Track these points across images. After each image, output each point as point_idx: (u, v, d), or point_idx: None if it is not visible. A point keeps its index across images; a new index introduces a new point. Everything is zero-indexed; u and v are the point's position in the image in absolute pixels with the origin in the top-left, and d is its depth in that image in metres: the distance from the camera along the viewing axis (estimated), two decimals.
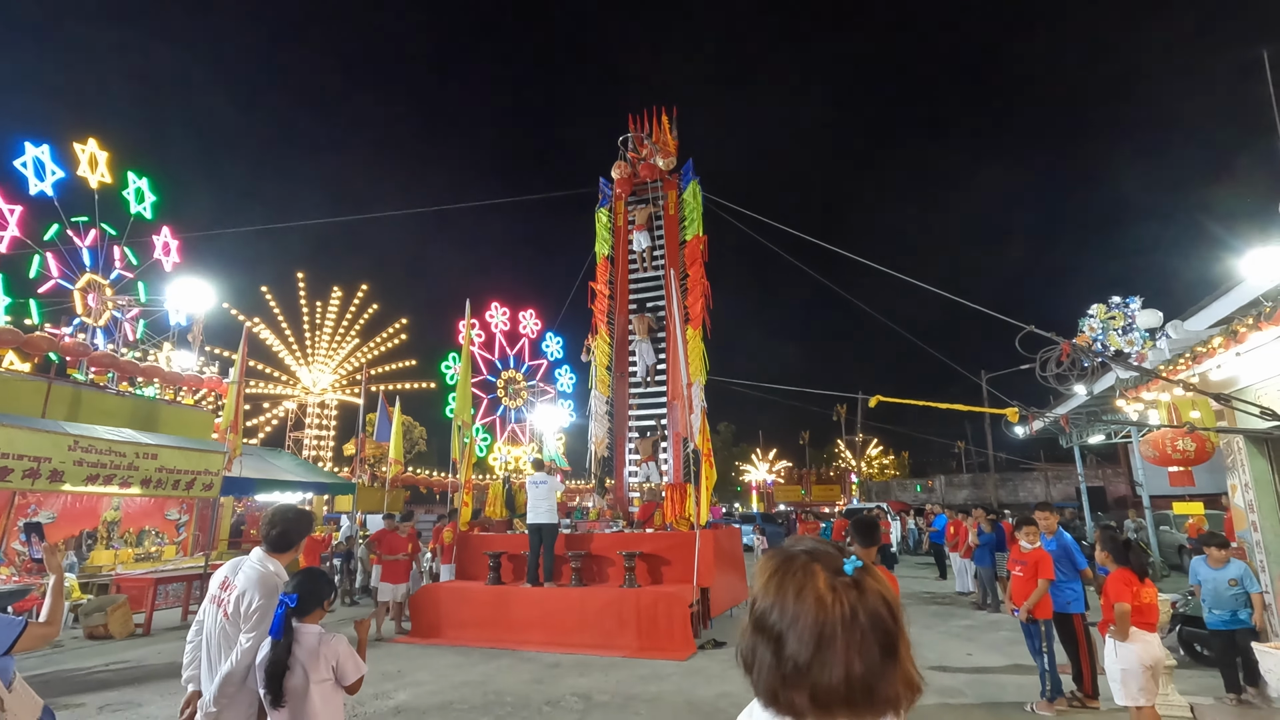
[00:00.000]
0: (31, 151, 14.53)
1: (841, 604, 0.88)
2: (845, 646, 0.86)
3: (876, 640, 0.87)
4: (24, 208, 14.25)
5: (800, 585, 0.91)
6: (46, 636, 2.64)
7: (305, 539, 3.03)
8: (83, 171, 15.32)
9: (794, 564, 0.95)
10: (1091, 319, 6.90)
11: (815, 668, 0.86)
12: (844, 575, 0.92)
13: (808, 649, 0.87)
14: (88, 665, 8.01)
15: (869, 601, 0.89)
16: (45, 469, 8.75)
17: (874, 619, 0.88)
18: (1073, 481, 31.53)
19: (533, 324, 29.84)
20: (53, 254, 14.61)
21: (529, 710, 5.96)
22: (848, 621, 0.87)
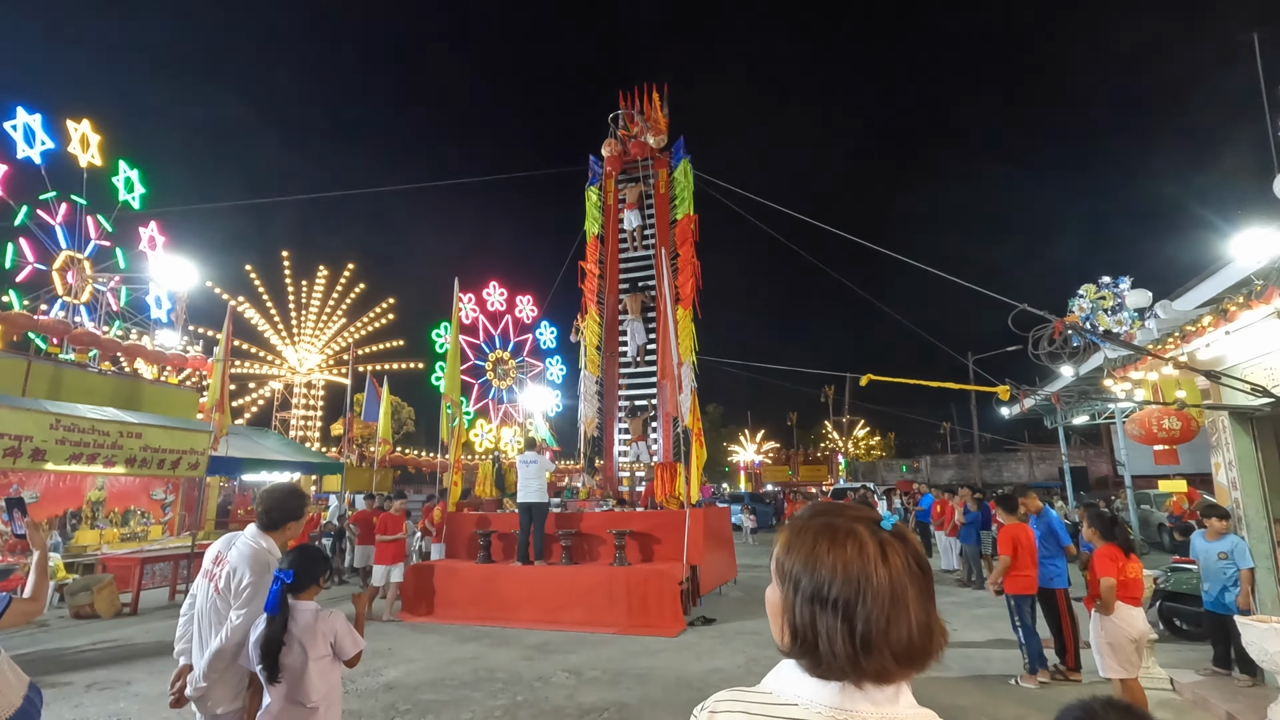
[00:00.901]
0: (23, 117, 14.32)
1: (900, 560, 0.89)
2: (912, 600, 0.87)
3: (927, 588, 0.90)
4: (9, 168, 14.02)
5: (858, 550, 0.89)
6: (30, 613, 2.59)
7: (299, 521, 2.98)
8: (73, 149, 15.10)
9: (839, 532, 0.92)
10: (1081, 299, 6.93)
11: (893, 630, 0.85)
12: (884, 531, 0.93)
13: (884, 612, 0.86)
14: (74, 644, 7.96)
15: (915, 550, 0.92)
16: (27, 448, 8.63)
17: (923, 567, 0.91)
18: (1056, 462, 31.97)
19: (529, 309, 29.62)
20: (25, 239, 14.29)
21: (520, 686, 5.99)
22: (913, 575, 0.89)
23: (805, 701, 0.89)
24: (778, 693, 0.92)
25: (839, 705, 0.87)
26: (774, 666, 0.97)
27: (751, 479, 45.93)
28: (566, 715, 5.24)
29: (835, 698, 0.87)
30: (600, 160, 14.82)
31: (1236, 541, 5.60)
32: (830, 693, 0.88)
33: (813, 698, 0.88)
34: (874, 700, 0.87)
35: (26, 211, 14.18)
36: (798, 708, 0.89)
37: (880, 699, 0.87)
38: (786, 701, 0.90)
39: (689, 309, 12.81)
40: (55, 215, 14.87)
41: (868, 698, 0.87)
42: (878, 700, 0.87)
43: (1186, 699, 5.43)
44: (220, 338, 13.17)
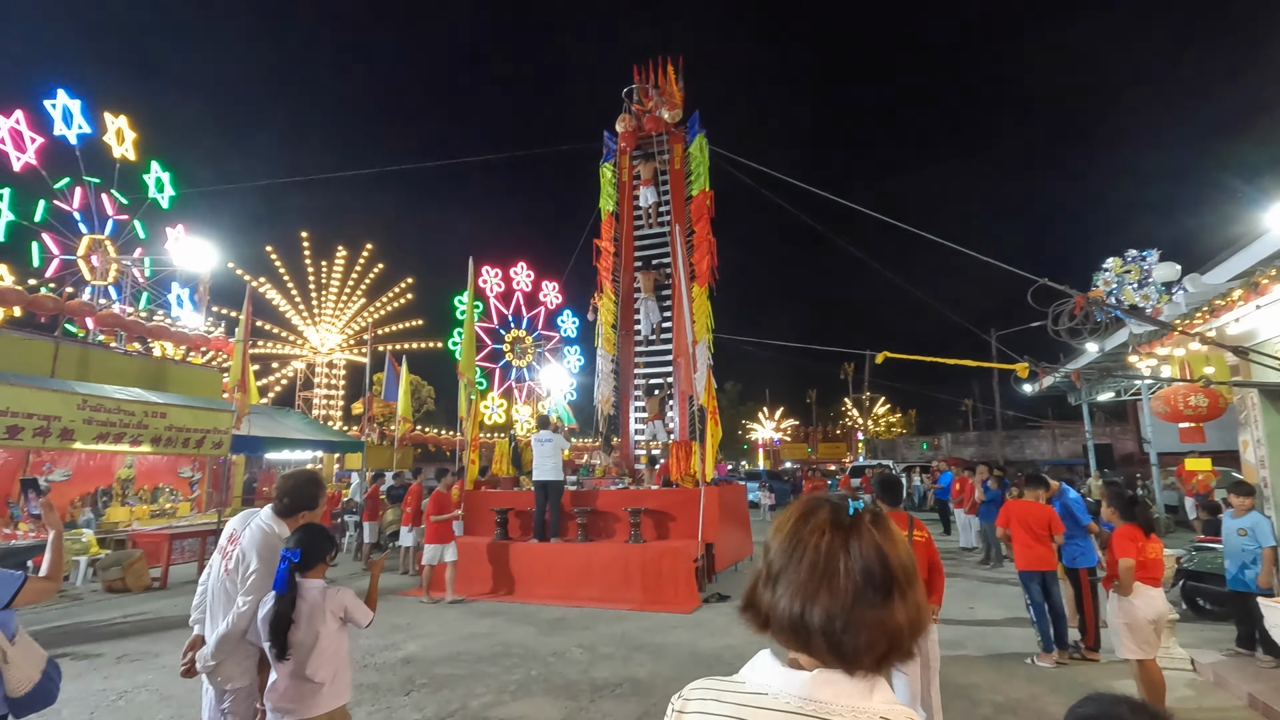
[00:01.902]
0: (64, 99, 14.80)
1: (822, 536, 0.90)
2: (812, 578, 0.88)
3: (854, 584, 0.87)
4: (45, 140, 14.46)
5: (791, 517, 0.96)
6: (46, 590, 2.64)
7: (315, 512, 2.98)
8: (109, 139, 15.58)
9: (801, 502, 0.99)
10: (1106, 272, 6.72)
11: (781, 586, 0.91)
12: (843, 515, 0.92)
13: (778, 564, 0.93)
14: (106, 617, 8.21)
15: (858, 544, 0.89)
16: (55, 427, 8.83)
17: (858, 563, 0.88)
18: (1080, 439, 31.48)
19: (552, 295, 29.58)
20: (47, 234, 14.64)
21: (535, 661, 6.07)
22: (822, 554, 0.89)
23: (774, 691, 0.89)
24: (750, 682, 0.93)
25: (806, 695, 0.87)
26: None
27: (770, 456, 45.91)
28: (580, 690, 5.30)
29: (803, 687, 0.87)
30: (615, 136, 14.63)
31: (1259, 519, 5.51)
32: (798, 682, 0.88)
33: (782, 687, 0.88)
34: (842, 692, 0.86)
35: (45, 206, 14.45)
36: (767, 697, 0.89)
37: (849, 691, 0.86)
38: (757, 690, 0.91)
39: (705, 287, 12.68)
40: (72, 202, 15.09)
41: (834, 689, 0.86)
42: (846, 693, 0.86)
43: (1207, 679, 5.35)
44: (241, 318, 13.35)
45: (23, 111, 14.10)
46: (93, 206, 15.44)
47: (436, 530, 9.15)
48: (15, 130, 13.89)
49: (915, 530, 3.96)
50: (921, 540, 3.98)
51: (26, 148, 14.07)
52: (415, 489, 12.00)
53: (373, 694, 5.24)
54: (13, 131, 13.85)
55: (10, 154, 13.76)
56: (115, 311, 14.44)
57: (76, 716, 4.84)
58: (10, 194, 13.68)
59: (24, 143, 14.04)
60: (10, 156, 13.76)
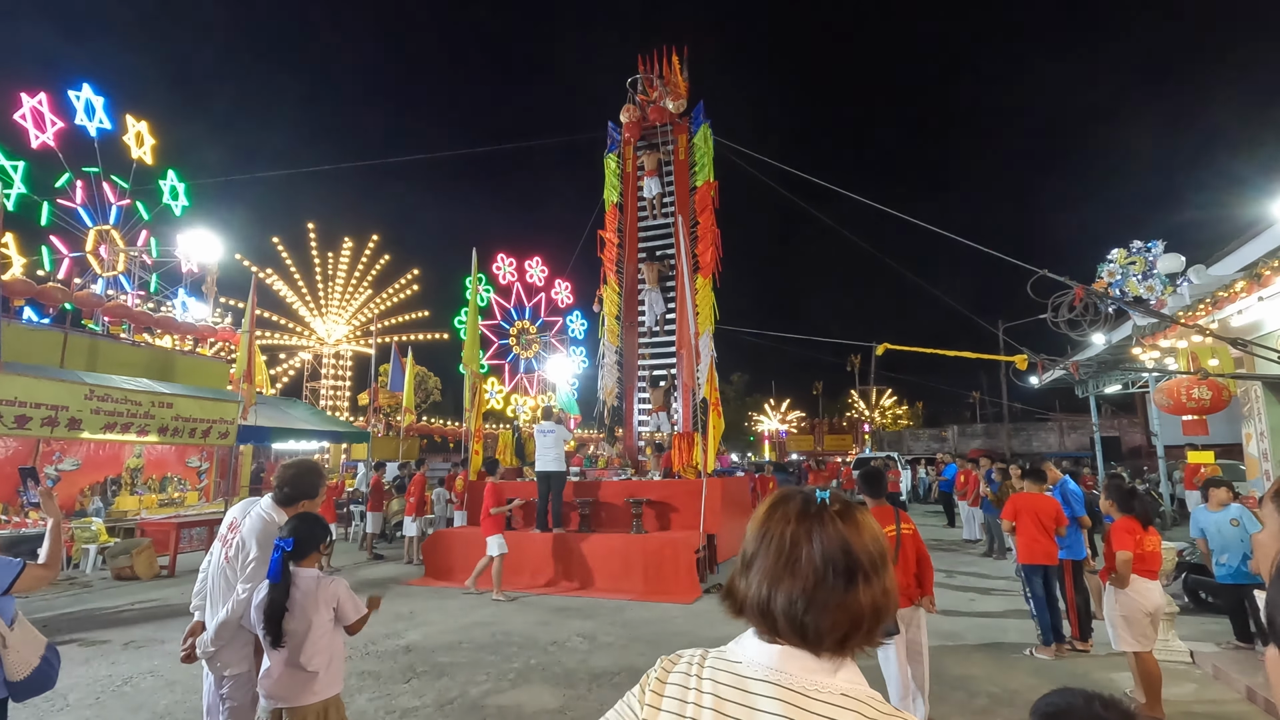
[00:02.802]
0: (88, 93, 15.29)
1: (788, 525, 0.95)
2: (778, 565, 0.93)
3: (816, 571, 0.91)
4: (65, 126, 14.90)
5: (772, 505, 1.01)
6: (45, 578, 2.68)
7: (315, 501, 3.00)
8: (128, 139, 16.03)
9: (784, 492, 1.03)
10: (1111, 264, 6.67)
11: (753, 573, 0.95)
12: (810, 505, 0.97)
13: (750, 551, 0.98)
14: (114, 604, 8.32)
15: (822, 532, 0.93)
16: (63, 417, 8.94)
17: (821, 550, 0.92)
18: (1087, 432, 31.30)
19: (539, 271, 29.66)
20: (56, 236, 14.97)
21: (535, 650, 6.12)
22: (785, 543, 0.94)
23: (748, 660, 0.94)
24: (727, 651, 0.99)
25: (774, 665, 0.91)
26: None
27: (776, 448, 45.91)
28: (578, 678, 5.34)
29: (771, 658, 0.92)
30: (619, 126, 14.58)
31: (1241, 509, 5.58)
32: (769, 654, 0.93)
33: (754, 658, 0.94)
34: (806, 667, 0.90)
35: (50, 210, 14.69)
36: (740, 665, 0.94)
37: (813, 667, 0.90)
38: (731, 659, 0.96)
39: (709, 278, 12.65)
40: (74, 198, 15.22)
41: (800, 663, 0.91)
42: (811, 669, 0.90)
43: (1206, 672, 5.34)
44: (246, 309, 13.43)
45: (46, 95, 14.58)
46: (95, 197, 15.57)
47: (491, 523, 8.71)
48: (37, 110, 14.41)
49: (902, 524, 3.96)
50: (909, 533, 3.98)
51: (46, 129, 14.54)
52: (419, 479, 12.08)
53: (373, 681, 5.30)
54: (34, 111, 14.35)
55: (30, 131, 14.28)
56: (123, 303, 14.55)
57: (83, 702, 4.91)
58: (25, 167, 14.09)
59: (44, 124, 14.52)
60: (30, 133, 14.27)
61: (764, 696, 0.89)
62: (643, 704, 0.99)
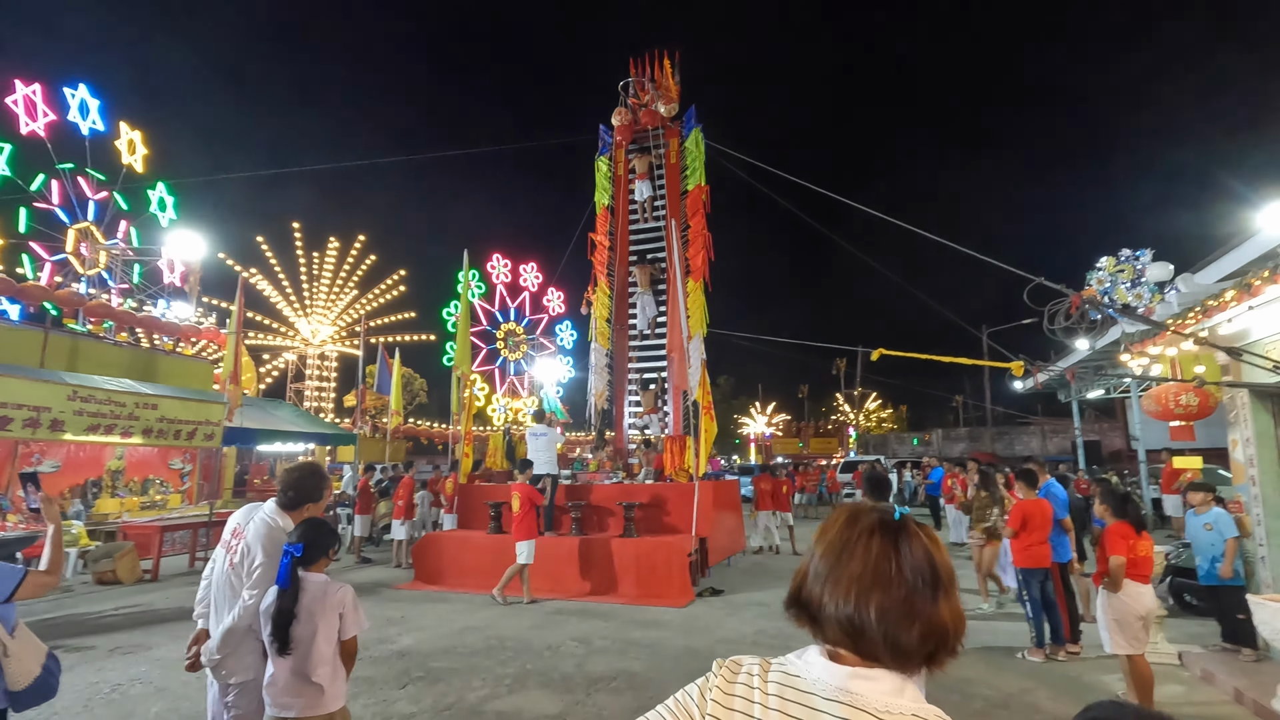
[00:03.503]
0: (84, 94, 15.36)
1: (870, 538, 0.96)
2: (863, 578, 0.93)
3: (905, 584, 0.91)
4: (57, 119, 14.95)
5: (837, 520, 1.02)
6: (46, 585, 2.63)
7: (318, 504, 2.97)
8: (120, 144, 16.02)
9: (846, 508, 1.04)
10: (1100, 272, 6.76)
11: (829, 586, 0.95)
12: (889, 519, 0.98)
13: (827, 565, 0.97)
14: (97, 609, 8.17)
15: (904, 549, 0.94)
16: (46, 419, 8.77)
17: (909, 564, 0.93)
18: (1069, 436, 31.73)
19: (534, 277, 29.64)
20: (57, 182, 14.97)
21: (529, 654, 6.09)
22: (870, 558, 0.94)
23: (813, 678, 0.94)
24: (790, 664, 0.98)
25: (842, 686, 0.91)
26: (781, 636, 1.05)
27: (762, 451, 46.05)
28: (575, 683, 5.32)
29: (840, 678, 0.92)
30: (610, 129, 14.59)
31: (1219, 513, 5.77)
32: (837, 674, 0.92)
33: (820, 675, 0.93)
34: (876, 689, 0.90)
35: (29, 215, 14.55)
36: (804, 680, 0.94)
37: (882, 689, 0.90)
38: (794, 674, 0.96)
39: (700, 281, 12.69)
40: (51, 198, 15.01)
41: (869, 684, 0.90)
42: (880, 690, 0.90)
43: (1194, 674, 5.43)
44: (233, 309, 13.26)
45: (41, 86, 14.65)
46: (71, 196, 15.31)
47: (528, 528, 8.47)
48: (30, 99, 14.46)
49: None
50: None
51: (37, 118, 14.56)
52: (407, 482, 11.99)
53: (368, 687, 5.24)
54: (27, 99, 14.40)
55: (20, 117, 14.30)
56: (105, 302, 14.31)
57: (71, 709, 4.82)
58: (12, 150, 14.05)
59: (35, 113, 14.53)
60: (19, 119, 14.29)
61: (834, 717, 0.89)
62: (704, 713, 0.98)
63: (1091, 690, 5.14)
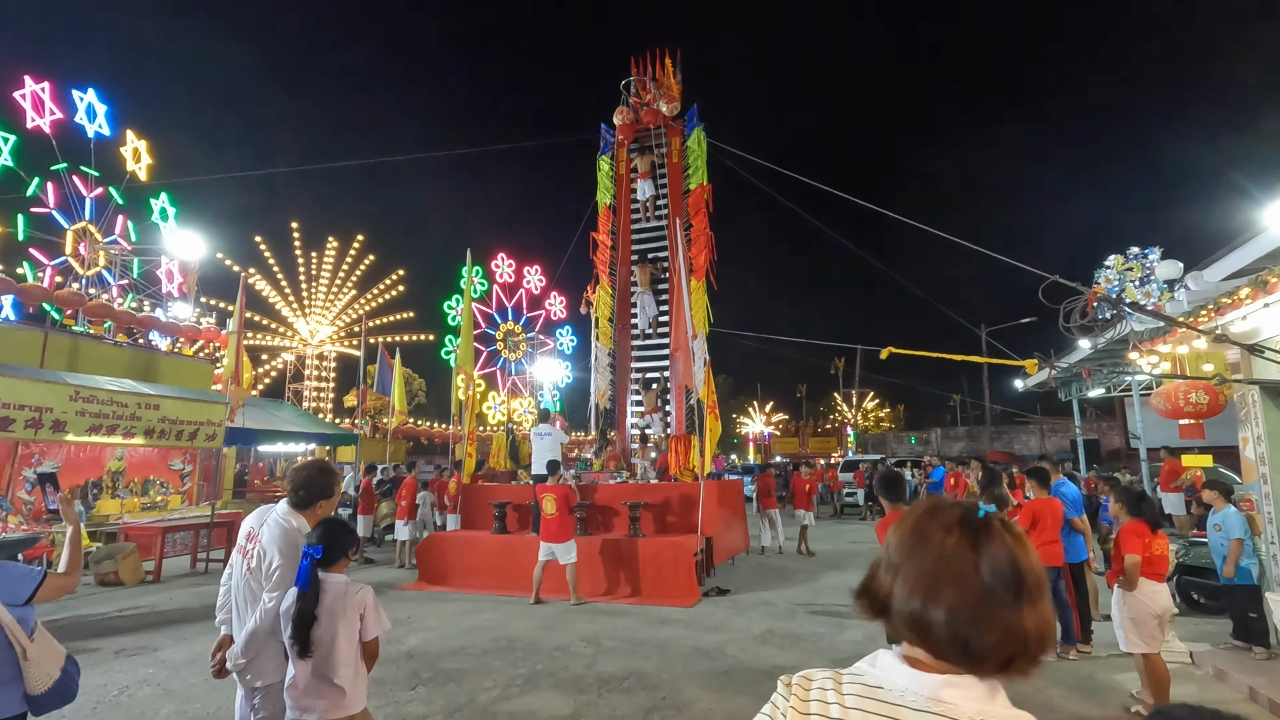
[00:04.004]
0: (92, 98, 15.49)
1: (949, 534, 0.91)
2: (937, 573, 0.88)
3: (990, 586, 0.86)
4: (64, 118, 15.01)
5: (917, 517, 0.97)
6: (66, 587, 2.60)
7: (330, 502, 2.94)
8: (125, 151, 16.09)
9: (925, 503, 0.99)
10: (1108, 270, 6.78)
11: (901, 579, 0.91)
12: (972, 516, 0.93)
13: (906, 572, 0.92)
14: (101, 611, 8.12)
15: (990, 547, 0.89)
16: (48, 419, 8.71)
17: (992, 566, 0.87)
18: (1068, 434, 31.84)
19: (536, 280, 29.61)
20: (53, 184, 14.86)
21: (539, 655, 6.07)
22: (949, 551, 0.89)
23: (898, 687, 0.89)
24: (868, 675, 0.94)
25: (932, 695, 0.86)
26: (789, 636, 1.00)
27: (761, 451, 46.09)
28: (587, 684, 5.30)
29: (929, 687, 0.87)
30: (612, 128, 14.56)
31: (1228, 513, 5.79)
32: (925, 683, 0.88)
33: (906, 685, 0.89)
34: (968, 695, 0.86)
35: (26, 221, 14.46)
36: (887, 691, 0.90)
37: (974, 695, 0.86)
38: (875, 684, 0.92)
39: (702, 280, 12.67)
40: (47, 202, 14.94)
41: (960, 691, 0.86)
42: (972, 696, 0.86)
43: (1207, 673, 5.43)
44: (233, 310, 13.21)
45: (50, 85, 14.74)
46: (69, 194, 15.23)
47: (570, 527, 8.48)
48: (38, 95, 14.56)
49: None
50: None
51: (44, 114, 14.64)
52: (410, 483, 11.95)
53: (378, 688, 5.21)
54: (34, 95, 14.50)
55: (27, 111, 14.38)
56: (105, 302, 14.24)
57: (79, 712, 4.78)
58: (16, 141, 14.08)
59: (42, 110, 14.61)
60: (26, 113, 14.37)
61: None
62: None
63: (1105, 689, 5.13)
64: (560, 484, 8.63)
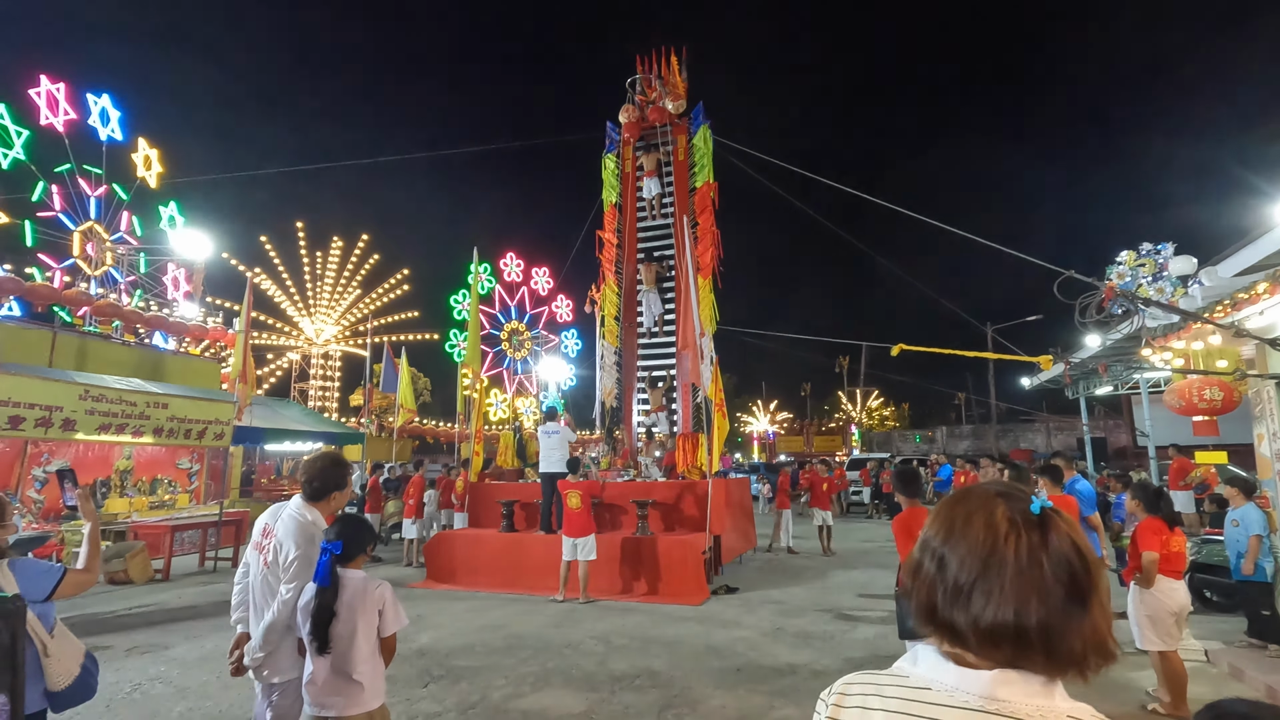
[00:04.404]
0: (106, 103, 15.70)
1: (1018, 536, 0.83)
2: (1018, 581, 0.81)
3: (1061, 584, 0.81)
4: (78, 118, 15.22)
5: (971, 512, 0.88)
6: (85, 583, 2.60)
7: (344, 492, 2.95)
8: (136, 157, 16.28)
9: (971, 495, 0.92)
10: (1120, 265, 6.72)
11: (979, 595, 0.82)
12: (1028, 512, 0.86)
13: (970, 572, 0.84)
14: (111, 609, 8.14)
15: (1054, 542, 0.83)
16: (57, 418, 8.73)
17: (1059, 562, 0.82)
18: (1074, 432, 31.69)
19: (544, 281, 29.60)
20: (58, 186, 14.94)
21: (550, 653, 6.06)
22: (1023, 556, 0.82)
23: (948, 687, 0.84)
24: (913, 675, 0.89)
25: (987, 694, 0.82)
26: (800, 633, 0.95)
27: (765, 449, 46.04)
28: (599, 681, 5.29)
29: (983, 686, 0.82)
30: (618, 127, 14.53)
31: (1248, 509, 5.76)
32: (978, 681, 0.83)
33: (957, 684, 0.84)
34: (1025, 691, 0.81)
35: (33, 227, 14.54)
36: (934, 693, 0.85)
37: (1031, 690, 0.82)
38: (921, 685, 0.87)
39: (709, 279, 12.64)
40: (53, 205, 15.02)
41: (1015, 688, 0.82)
42: (1029, 691, 0.81)
43: (1222, 671, 5.39)
44: (240, 309, 13.23)
45: (66, 86, 14.95)
46: (73, 195, 15.28)
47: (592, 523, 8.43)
48: (52, 95, 14.75)
49: None
50: None
51: (57, 113, 14.82)
52: (417, 481, 11.95)
53: (390, 686, 5.13)
54: (49, 94, 14.69)
55: (41, 109, 14.57)
56: (113, 301, 14.28)
57: (93, 709, 4.79)
58: (30, 136, 14.27)
59: (56, 109, 14.80)
60: (40, 110, 14.56)
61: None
62: None
63: (1120, 688, 5.10)
64: (584, 480, 8.69)
